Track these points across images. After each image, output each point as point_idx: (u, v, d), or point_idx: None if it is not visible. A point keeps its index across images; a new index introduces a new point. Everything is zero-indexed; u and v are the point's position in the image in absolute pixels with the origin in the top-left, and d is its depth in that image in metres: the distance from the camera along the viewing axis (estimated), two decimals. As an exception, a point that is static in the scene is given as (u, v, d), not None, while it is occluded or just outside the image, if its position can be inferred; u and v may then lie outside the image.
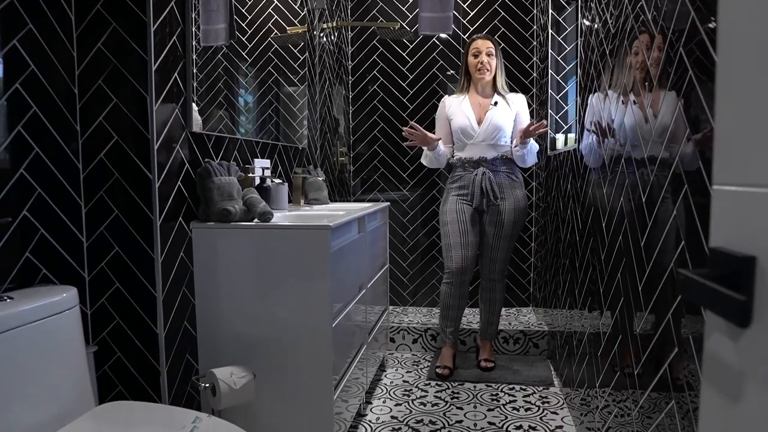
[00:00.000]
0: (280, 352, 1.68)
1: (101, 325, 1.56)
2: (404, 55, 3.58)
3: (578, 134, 2.15)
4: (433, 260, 3.61)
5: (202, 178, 1.70)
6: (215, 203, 1.67)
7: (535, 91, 3.43)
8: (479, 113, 2.64)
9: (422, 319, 3.25)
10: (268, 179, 2.14)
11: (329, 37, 3.28)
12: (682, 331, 1.05)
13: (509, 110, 2.64)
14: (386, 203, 2.78)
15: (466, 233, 2.60)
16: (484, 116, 2.61)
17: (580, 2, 2.19)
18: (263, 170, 2.11)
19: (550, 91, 2.99)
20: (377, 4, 3.58)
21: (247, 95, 2.25)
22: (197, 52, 1.74)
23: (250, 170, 1.99)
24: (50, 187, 1.41)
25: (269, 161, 2.32)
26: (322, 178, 2.62)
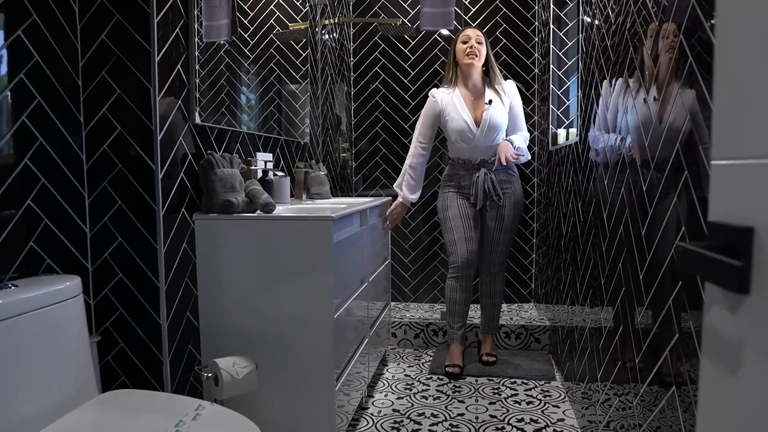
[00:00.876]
0: (281, 343, 1.69)
1: (104, 315, 1.57)
2: (406, 51, 3.59)
3: (580, 129, 2.15)
4: (434, 257, 3.61)
5: (204, 169, 1.70)
6: (218, 194, 1.68)
7: (536, 87, 3.43)
8: (475, 114, 2.58)
9: (424, 314, 3.25)
10: (270, 172, 2.15)
11: (331, 33, 3.28)
12: (682, 317, 1.06)
13: (503, 107, 2.61)
14: (388, 198, 2.79)
15: (470, 228, 2.60)
16: (480, 117, 2.56)
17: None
18: (265, 163, 2.12)
19: (551, 86, 2.99)
20: (379, 0, 3.59)
21: (249, 92, 2.26)
22: (200, 48, 1.75)
23: (252, 163, 2.00)
24: (54, 177, 1.42)
25: (271, 155, 2.33)
26: (324, 173, 2.63)
